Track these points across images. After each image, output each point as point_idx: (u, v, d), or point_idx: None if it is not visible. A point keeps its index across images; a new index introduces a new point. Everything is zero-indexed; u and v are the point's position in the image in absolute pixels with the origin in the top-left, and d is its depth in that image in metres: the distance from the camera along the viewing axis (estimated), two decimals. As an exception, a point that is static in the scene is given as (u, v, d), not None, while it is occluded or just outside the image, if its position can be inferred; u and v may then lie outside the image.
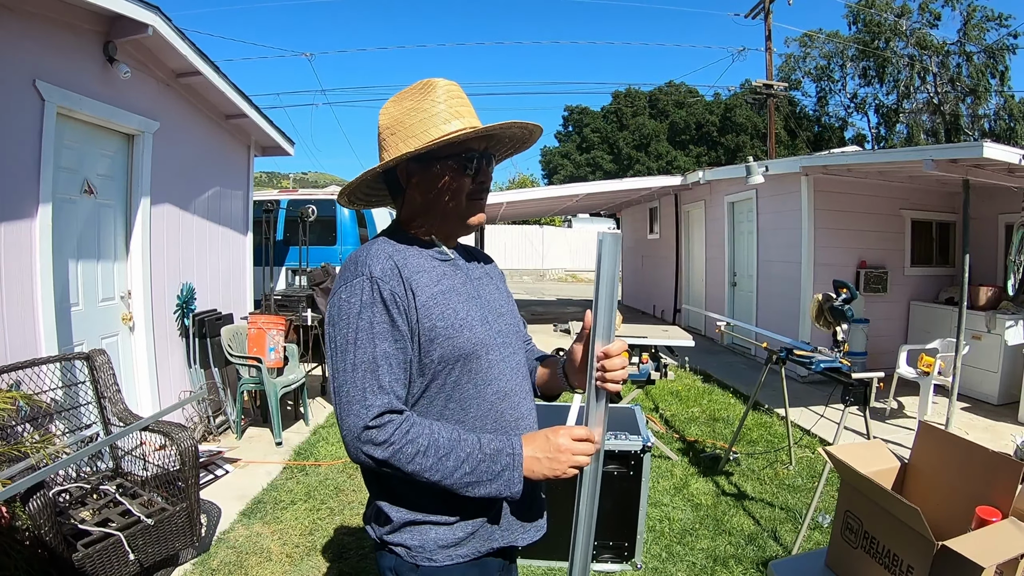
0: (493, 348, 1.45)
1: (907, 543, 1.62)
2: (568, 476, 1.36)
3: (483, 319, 1.46)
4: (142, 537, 2.98)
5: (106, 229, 4.49)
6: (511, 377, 1.50)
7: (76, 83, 3.95)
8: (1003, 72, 30.29)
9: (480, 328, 1.43)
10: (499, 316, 1.55)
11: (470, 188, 1.45)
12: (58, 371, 3.50)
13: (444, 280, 1.43)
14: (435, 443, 1.28)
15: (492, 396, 1.43)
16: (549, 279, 29.36)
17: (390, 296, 1.31)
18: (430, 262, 1.44)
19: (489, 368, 1.43)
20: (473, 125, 1.41)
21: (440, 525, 1.40)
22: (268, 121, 6.37)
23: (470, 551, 1.42)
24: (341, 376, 1.30)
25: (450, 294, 1.41)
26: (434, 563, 1.39)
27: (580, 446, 1.34)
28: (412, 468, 1.27)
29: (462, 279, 1.49)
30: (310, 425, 5.87)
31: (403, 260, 1.38)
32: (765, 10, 17.83)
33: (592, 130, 42.20)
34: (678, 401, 6.90)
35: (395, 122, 1.44)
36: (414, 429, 1.28)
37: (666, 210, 13.43)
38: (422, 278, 1.38)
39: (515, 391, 1.50)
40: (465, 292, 1.46)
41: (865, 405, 3.75)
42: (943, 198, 8.37)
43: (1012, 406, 6.27)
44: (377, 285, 1.31)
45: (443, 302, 1.38)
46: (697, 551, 3.65)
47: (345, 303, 1.32)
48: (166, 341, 5.09)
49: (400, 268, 1.36)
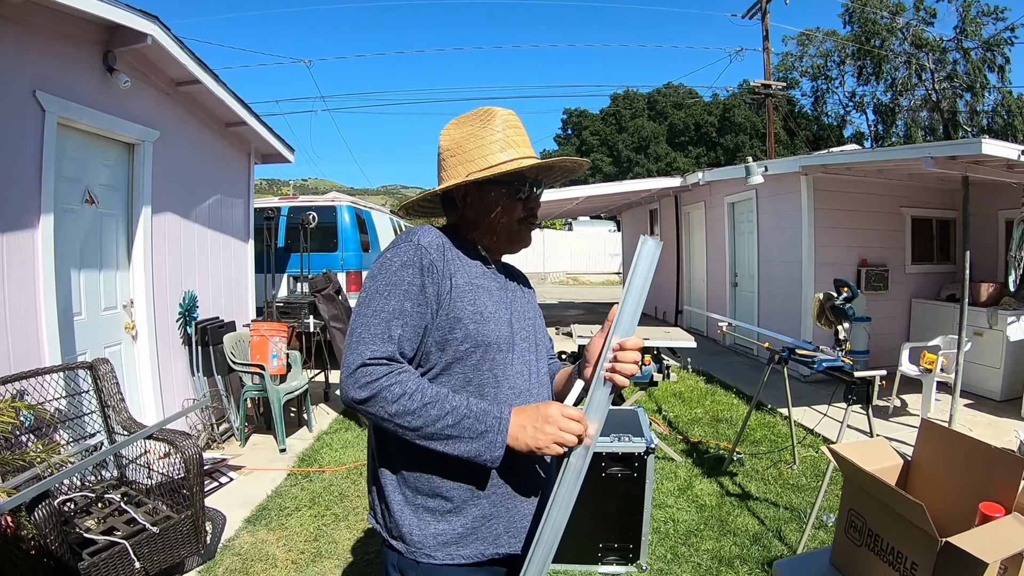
0: (516, 350, 1.51)
1: (911, 540, 1.62)
2: (551, 452, 1.32)
3: (510, 322, 1.52)
4: (147, 545, 2.99)
5: (108, 238, 4.50)
6: (528, 380, 1.53)
7: (76, 93, 3.96)
8: (1002, 67, 30.28)
9: (505, 328, 1.49)
10: (526, 326, 1.61)
11: (521, 214, 1.56)
12: (62, 381, 3.50)
13: (481, 279, 1.51)
14: (422, 390, 1.30)
15: (507, 391, 1.46)
16: (550, 282, 29.34)
17: (429, 264, 1.38)
18: (472, 262, 1.52)
19: (508, 365, 1.48)
20: (527, 155, 1.53)
21: (438, 513, 1.41)
22: (268, 128, 6.38)
23: (472, 553, 1.42)
24: (360, 319, 1.36)
25: (482, 291, 1.48)
26: (433, 560, 1.40)
27: (569, 424, 1.32)
28: (395, 408, 1.27)
29: (498, 285, 1.57)
30: (314, 431, 5.87)
31: (449, 246, 1.47)
32: (762, 10, 17.86)
33: (591, 133, 42.23)
34: (681, 402, 6.90)
35: (455, 145, 1.54)
36: (405, 375, 1.31)
37: (666, 212, 13.44)
38: (462, 268, 1.47)
39: (530, 393, 1.53)
40: (498, 295, 1.54)
41: (868, 403, 3.75)
42: (943, 195, 8.37)
43: (1015, 402, 6.27)
44: (420, 252, 1.39)
45: (475, 294, 1.45)
46: (702, 552, 3.65)
47: (388, 260, 1.40)
48: (169, 349, 5.10)
49: (445, 249, 1.44)
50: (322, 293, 6.54)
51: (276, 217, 7.83)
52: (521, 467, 1.47)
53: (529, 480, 1.50)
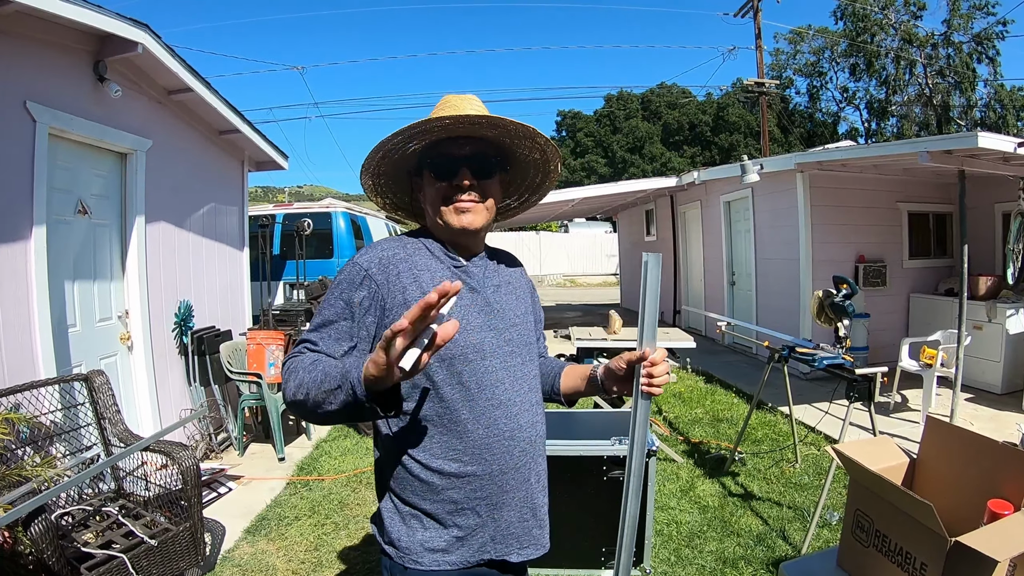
0: (492, 356, 1.46)
1: (920, 540, 1.60)
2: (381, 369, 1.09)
3: (488, 326, 1.47)
4: (146, 558, 2.96)
5: (101, 249, 4.47)
6: (511, 386, 1.49)
7: (67, 103, 3.93)
8: (993, 59, 30.36)
9: (478, 334, 1.44)
10: (511, 326, 1.54)
11: (445, 192, 1.47)
12: (57, 393, 3.47)
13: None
14: (315, 364, 1.28)
15: (484, 403, 1.43)
16: (547, 284, 29.32)
17: (362, 280, 1.40)
18: (437, 264, 1.48)
19: (484, 374, 1.44)
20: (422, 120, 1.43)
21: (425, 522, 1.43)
22: (261, 136, 6.36)
23: (458, 559, 1.43)
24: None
25: None
26: (420, 566, 1.41)
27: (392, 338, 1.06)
28: (292, 384, 1.28)
29: (468, 289, 1.49)
30: (312, 439, 5.84)
31: (404, 256, 1.45)
32: (754, 8, 17.88)
33: (585, 134, 42.29)
34: (681, 403, 6.88)
35: None
36: (307, 355, 1.34)
37: (662, 212, 13.43)
38: (422, 275, 1.44)
39: (514, 401, 1.48)
40: (468, 299, 1.47)
41: (870, 401, 3.74)
42: (939, 189, 8.37)
43: (1016, 395, 6.26)
44: (355, 269, 1.42)
45: None
46: (706, 553, 3.63)
47: (336, 277, 1.46)
48: (165, 359, 5.07)
49: (389, 262, 1.43)
50: (318, 300, 6.52)
51: (271, 224, 7.80)
52: (505, 477, 1.46)
53: (513, 490, 1.48)
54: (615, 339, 4.83)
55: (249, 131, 6.06)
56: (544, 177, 1.67)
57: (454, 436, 1.41)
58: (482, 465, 1.43)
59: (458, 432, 1.41)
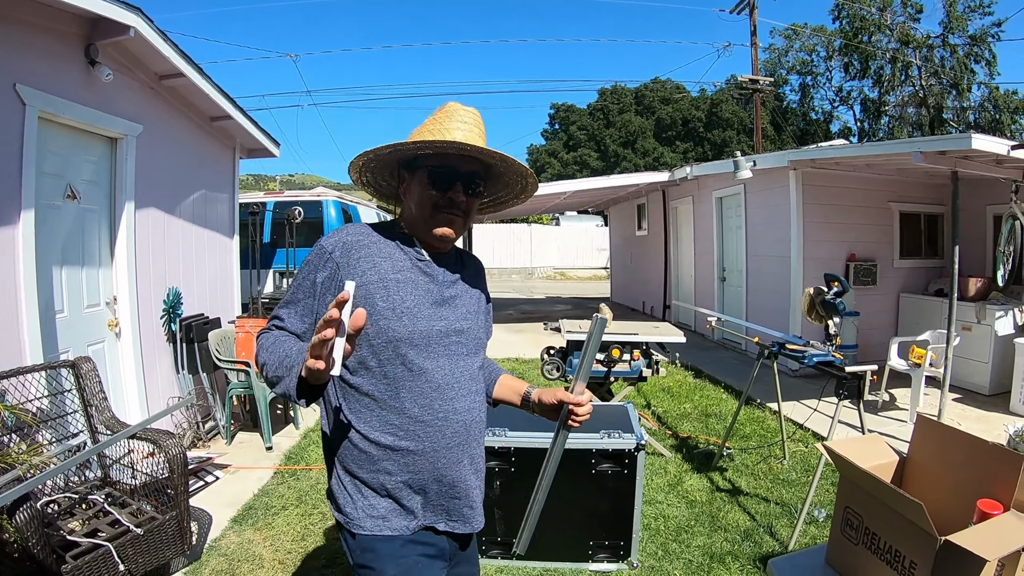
0: (437, 343, 1.59)
1: (909, 538, 1.61)
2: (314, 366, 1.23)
3: (437, 316, 1.60)
4: (132, 547, 2.94)
5: (90, 234, 4.43)
6: (451, 373, 1.61)
7: (58, 87, 3.88)
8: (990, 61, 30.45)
9: (426, 322, 1.57)
10: (460, 319, 1.66)
11: (437, 200, 1.58)
12: (43, 380, 3.44)
13: (405, 272, 1.58)
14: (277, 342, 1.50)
15: (424, 385, 1.56)
16: (538, 277, 29.34)
17: (328, 263, 1.55)
18: (401, 254, 1.61)
19: (426, 359, 1.56)
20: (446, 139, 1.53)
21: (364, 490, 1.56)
22: (253, 123, 6.31)
23: (397, 526, 1.56)
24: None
25: (404, 284, 1.56)
26: (364, 531, 1.55)
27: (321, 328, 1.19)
28: (260, 360, 1.49)
29: (428, 279, 1.62)
30: (300, 429, 5.82)
31: (367, 243, 1.58)
32: (750, 5, 17.88)
33: (579, 128, 42.22)
34: (670, 398, 6.90)
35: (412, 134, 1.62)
36: (273, 334, 1.55)
37: (654, 206, 13.44)
38: (382, 263, 1.56)
39: (452, 386, 1.60)
40: (425, 288, 1.60)
41: (859, 399, 3.75)
42: (931, 190, 8.40)
43: (1003, 396, 6.30)
44: (319, 251, 1.59)
45: (393, 288, 1.54)
46: (693, 548, 3.64)
47: (304, 259, 1.62)
48: (153, 347, 5.03)
49: (352, 247, 1.56)
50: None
51: (261, 212, 7.75)
52: (437, 455, 1.58)
53: (444, 468, 1.59)
54: (606, 332, 4.82)
55: (241, 118, 6.01)
56: (515, 200, 1.84)
57: (392, 412, 1.54)
58: (415, 442, 1.55)
59: (396, 409, 1.54)
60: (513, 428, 3.41)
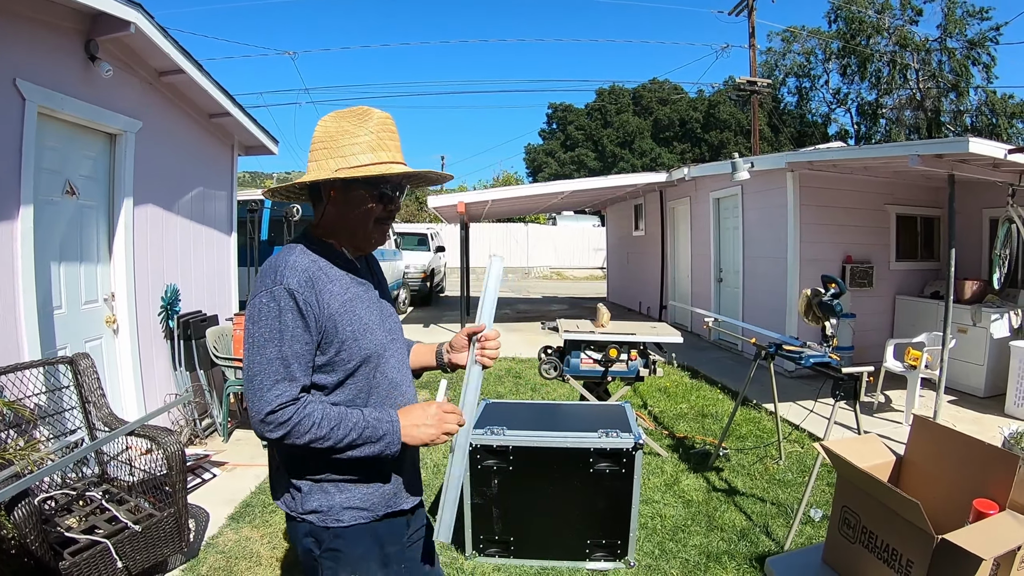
0: (389, 347, 1.73)
1: (906, 537, 1.62)
2: (440, 442, 1.61)
3: (381, 322, 1.72)
4: (129, 544, 2.94)
5: (89, 231, 4.43)
6: (399, 369, 1.76)
7: (57, 82, 3.88)
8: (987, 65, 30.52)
9: (379, 331, 1.70)
10: (389, 315, 1.81)
11: (379, 214, 1.68)
12: (41, 376, 3.44)
13: (351, 288, 1.66)
14: (327, 416, 1.51)
15: (387, 386, 1.70)
16: (534, 277, 29.36)
17: (304, 305, 1.52)
18: (340, 272, 1.67)
19: (385, 364, 1.70)
20: (396, 159, 1.64)
21: (343, 483, 1.63)
22: (251, 120, 6.31)
23: (370, 513, 1.65)
24: (256, 367, 1.50)
25: (356, 302, 1.65)
26: (341, 523, 1.61)
27: (449, 417, 1.61)
28: (308, 438, 1.49)
29: (364, 287, 1.73)
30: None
31: (317, 270, 1.59)
32: (749, 7, 17.91)
33: (576, 128, 42.29)
34: (666, 398, 6.91)
35: (328, 138, 1.63)
36: (310, 407, 1.51)
37: (651, 207, 13.45)
38: (334, 287, 1.61)
39: (402, 381, 1.76)
40: (367, 298, 1.71)
41: (855, 400, 3.77)
42: (928, 193, 8.43)
43: (998, 398, 6.33)
44: (293, 296, 1.51)
45: (351, 309, 1.62)
46: (690, 547, 3.65)
47: (266, 307, 1.52)
48: (151, 344, 5.03)
49: (314, 280, 1.56)
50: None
51: (259, 210, 7.75)
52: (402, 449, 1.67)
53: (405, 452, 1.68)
54: (603, 332, 4.83)
55: (240, 115, 6.01)
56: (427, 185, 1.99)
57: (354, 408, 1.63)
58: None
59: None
60: (511, 427, 3.42)
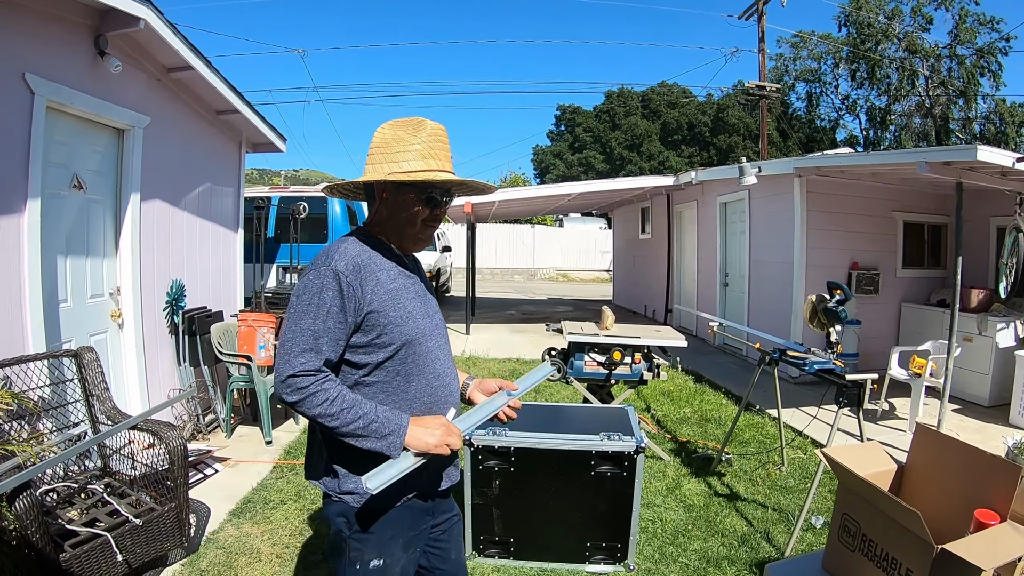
0: (432, 337, 1.83)
1: (906, 546, 1.61)
2: (440, 452, 1.66)
3: (425, 313, 1.85)
4: (130, 537, 2.95)
5: (95, 225, 4.44)
6: (444, 362, 1.88)
7: (66, 77, 3.90)
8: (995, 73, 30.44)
9: (422, 321, 1.81)
10: (435, 311, 1.93)
11: (426, 217, 1.82)
12: (46, 368, 3.45)
13: (398, 280, 1.79)
14: (342, 398, 1.61)
15: (430, 375, 1.81)
16: (540, 278, 29.35)
17: (347, 287, 1.65)
18: (389, 263, 1.80)
19: (428, 353, 1.80)
20: (445, 168, 1.79)
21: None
22: (259, 117, 6.32)
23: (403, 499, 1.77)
24: (290, 333, 1.64)
25: (401, 292, 1.78)
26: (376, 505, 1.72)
27: (453, 437, 1.69)
28: (318, 411, 1.58)
29: (412, 281, 1.86)
30: (300, 424, 5.83)
31: (367, 259, 1.73)
32: (759, 11, 17.86)
33: (584, 129, 42.25)
34: (670, 401, 6.90)
35: (384, 144, 1.79)
36: (328, 383, 1.61)
37: (658, 210, 13.44)
38: (381, 276, 1.74)
39: (447, 373, 1.88)
40: (413, 291, 1.84)
41: (859, 407, 3.75)
42: (935, 200, 8.39)
43: (1003, 408, 6.30)
44: (338, 277, 1.65)
45: (396, 297, 1.75)
46: (690, 552, 3.64)
47: (311, 284, 1.66)
48: (155, 338, 5.05)
49: (361, 267, 1.69)
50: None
51: (266, 207, 7.79)
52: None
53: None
54: (607, 335, 4.83)
55: (248, 112, 6.02)
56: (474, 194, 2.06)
57: (404, 401, 1.76)
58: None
59: (408, 398, 1.77)
60: (513, 428, 3.42)
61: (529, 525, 3.46)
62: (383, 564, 1.76)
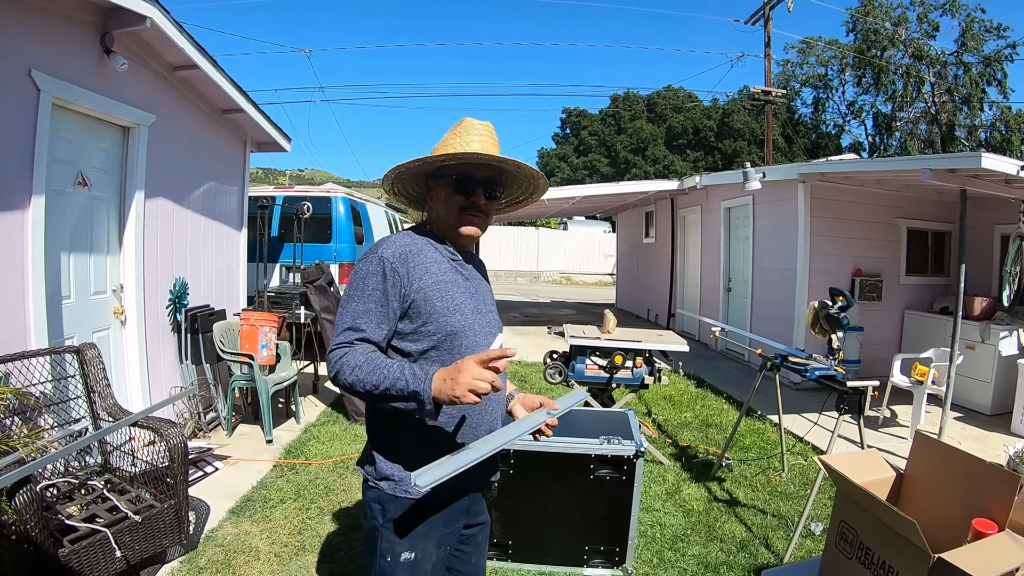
0: (479, 332, 1.81)
1: (903, 555, 1.61)
2: (467, 401, 1.47)
3: (475, 309, 1.83)
4: (129, 534, 2.95)
5: (99, 222, 4.46)
6: None
7: (72, 74, 3.91)
8: (1001, 81, 30.38)
9: (471, 315, 1.80)
10: (488, 310, 1.92)
11: (462, 204, 1.81)
12: (48, 364, 3.46)
13: (448, 273, 1.80)
14: (369, 362, 1.59)
15: None
16: (544, 281, 29.34)
17: (391, 273, 1.69)
18: (442, 256, 1.82)
19: (475, 348, 1.76)
20: (468, 150, 1.76)
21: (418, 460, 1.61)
22: (265, 116, 6.34)
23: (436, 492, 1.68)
24: (338, 318, 1.71)
25: (450, 284, 1.78)
26: (409, 495, 1.73)
27: (480, 372, 1.48)
28: (351, 379, 1.59)
29: (463, 276, 1.86)
30: (301, 423, 5.84)
31: (417, 250, 1.76)
32: (765, 17, 17.87)
33: (590, 133, 42.21)
34: (671, 406, 6.89)
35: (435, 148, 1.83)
36: (353, 352, 1.62)
37: (662, 214, 13.43)
38: (431, 267, 1.76)
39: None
40: (464, 286, 1.83)
41: (860, 414, 3.75)
42: (939, 207, 8.38)
43: (1005, 416, 6.28)
44: (382, 263, 1.70)
45: (443, 289, 1.75)
46: (688, 557, 3.64)
47: (360, 270, 1.73)
48: (157, 336, 5.06)
49: (408, 256, 1.72)
50: (314, 284, 6.50)
51: (270, 206, 7.79)
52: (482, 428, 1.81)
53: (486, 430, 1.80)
54: (609, 339, 4.82)
55: (253, 111, 6.04)
56: (528, 199, 2.07)
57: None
58: (471, 419, 1.79)
59: None
60: (512, 430, 3.41)
61: (528, 528, 3.46)
62: (414, 558, 1.76)
